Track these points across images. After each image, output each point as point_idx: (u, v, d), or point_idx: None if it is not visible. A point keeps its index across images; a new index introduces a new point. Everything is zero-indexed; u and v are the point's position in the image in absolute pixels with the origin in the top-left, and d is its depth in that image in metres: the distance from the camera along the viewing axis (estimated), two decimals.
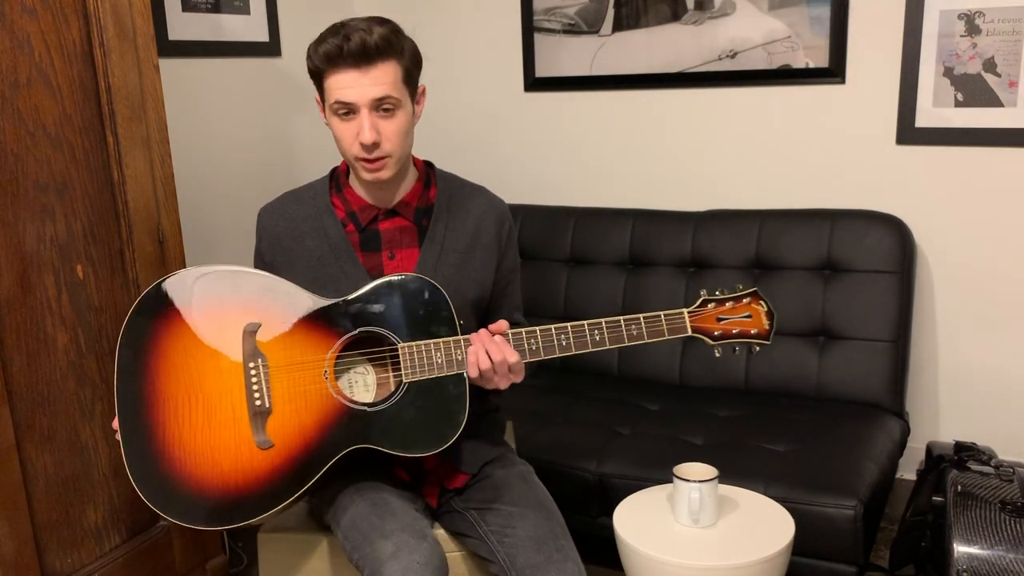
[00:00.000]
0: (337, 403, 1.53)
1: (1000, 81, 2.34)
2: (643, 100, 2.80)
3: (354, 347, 1.57)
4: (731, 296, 1.63)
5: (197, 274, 1.54)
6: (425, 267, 1.62)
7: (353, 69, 1.49)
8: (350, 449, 1.52)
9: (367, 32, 1.48)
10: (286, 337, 1.53)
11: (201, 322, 1.52)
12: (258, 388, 1.52)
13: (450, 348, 1.53)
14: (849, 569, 1.95)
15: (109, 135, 1.81)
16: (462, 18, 3.02)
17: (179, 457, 1.49)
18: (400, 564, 1.42)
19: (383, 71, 1.50)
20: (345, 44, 1.48)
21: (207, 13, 2.55)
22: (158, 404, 1.50)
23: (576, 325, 1.56)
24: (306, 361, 1.53)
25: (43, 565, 1.75)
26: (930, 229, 2.50)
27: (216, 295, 1.53)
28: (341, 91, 1.51)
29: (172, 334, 1.51)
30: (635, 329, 1.57)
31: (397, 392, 1.53)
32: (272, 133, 2.82)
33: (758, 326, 1.62)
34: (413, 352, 1.53)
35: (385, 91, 1.51)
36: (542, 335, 1.55)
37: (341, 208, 1.66)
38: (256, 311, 1.53)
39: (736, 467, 2.02)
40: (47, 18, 1.68)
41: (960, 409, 2.56)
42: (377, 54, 1.49)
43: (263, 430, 1.51)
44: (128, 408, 1.49)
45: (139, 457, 1.48)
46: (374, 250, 1.63)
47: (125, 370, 1.50)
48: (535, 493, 1.64)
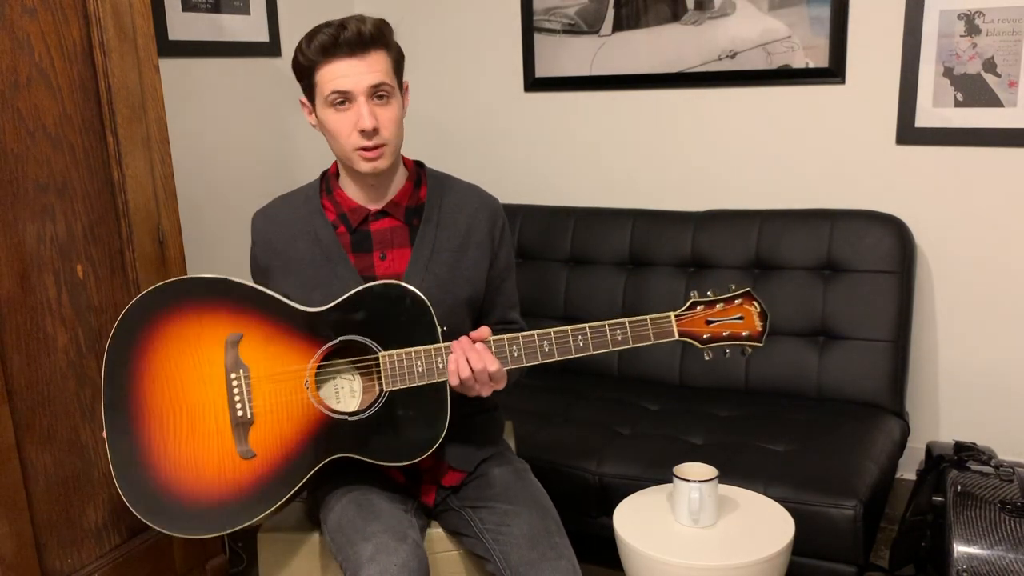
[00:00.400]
0: (318, 413, 1.54)
1: (1000, 81, 2.34)
2: (643, 100, 2.80)
3: (339, 354, 1.58)
4: (722, 297, 1.60)
5: (180, 285, 1.55)
6: (417, 267, 1.62)
7: (349, 57, 1.51)
8: (332, 458, 1.54)
9: (361, 22, 1.51)
10: (268, 347, 1.54)
11: (184, 333, 1.53)
12: (240, 399, 1.53)
13: (431, 356, 1.53)
14: (849, 569, 1.95)
15: (109, 135, 1.81)
16: (462, 18, 3.02)
17: (164, 468, 1.51)
18: (378, 567, 1.43)
19: (377, 59, 1.53)
20: (341, 33, 1.50)
21: (207, 13, 2.55)
22: (142, 415, 1.51)
23: (559, 331, 1.54)
24: (287, 371, 1.54)
25: (43, 565, 1.75)
26: (930, 229, 2.50)
27: (198, 306, 1.54)
28: (337, 80, 1.52)
29: (155, 346, 1.53)
30: (620, 334, 1.55)
31: (378, 401, 1.53)
32: (272, 133, 2.82)
33: (750, 328, 1.60)
34: (394, 360, 1.53)
35: (381, 78, 1.53)
36: (524, 341, 1.53)
37: (332, 210, 1.66)
38: (238, 321, 1.54)
39: (736, 467, 2.02)
40: (47, 18, 1.68)
41: (960, 409, 2.56)
42: (372, 42, 1.52)
43: (245, 440, 1.52)
44: (114, 419, 1.51)
45: (125, 468, 1.51)
46: (365, 251, 1.63)
47: (110, 381, 1.52)
48: (530, 491, 1.64)
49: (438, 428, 1.53)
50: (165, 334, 1.53)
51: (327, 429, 1.53)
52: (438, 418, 1.53)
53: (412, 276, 1.62)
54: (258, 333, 1.54)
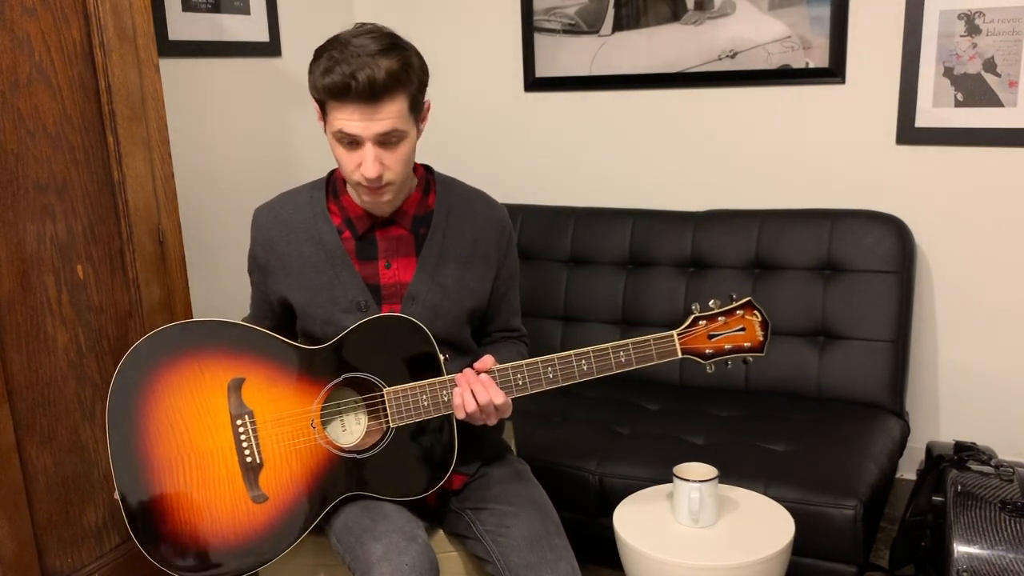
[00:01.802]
0: (326, 452, 1.55)
1: (1000, 81, 2.34)
2: (643, 100, 2.80)
3: (343, 387, 1.58)
4: (723, 310, 1.59)
5: (173, 332, 1.53)
6: (422, 276, 1.62)
7: (360, 105, 1.44)
8: (344, 496, 1.55)
9: (374, 68, 1.42)
10: (271, 389, 1.54)
11: (184, 382, 1.53)
12: (247, 444, 1.53)
13: (436, 390, 1.53)
14: (849, 569, 1.95)
15: (109, 135, 1.81)
16: (462, 18, 3.02)
17: (180, 518, 1.52)
18: (389, 566, 1.43)
19: (390, 106, 1.46)
20: (352, 83, 1.41)
21: (207, 13, 2.55)
22: (152, 468, 1.52)
23: (563, 356, 1.53)
24: (293, 413, 1.54)
25: (43, 565, 1.75)
26: (930, 229, 2.50)
27: (197, 351, 1.53)
28: (346, 124, 1.46)
29: (157, 396, 1.52)
30: (623, 356, 1.55)
31: (385, 437, 1.55)
32: (272, 133, 2.82)
33: (751, 339, 1.60)
34: (399, 396, 1.53)
35: (391, 126, 1.47)
36: (528, 369, 1.53)
37: (337, 214, 1.64)
38: (238, 365, 1.54)
39: (736, 467, 2.02)
40: (47, 18, 1.68)
41: (960, 409, 2.56)
42: (384, 91, 1.44)
43: (256, 485, 1.53)
44: (125, 474, 1.51)
45: (142, 520, 1.51)
46: (370, 258, 1.62)
47: (117, 435, 1.51)
48: (530, 492, 1.64)
49: (447, 461, 1.55)
50: (166, 384, 1.52)
51: (336, 468, 1.55)
52: (447, 451, 1.55)
53: (417, 285, 1.61)
54: (260, 376, 1.54)
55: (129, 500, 1.51)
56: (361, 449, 1.55)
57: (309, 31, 2.88)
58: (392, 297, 1.62)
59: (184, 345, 1.53)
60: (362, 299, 1.60)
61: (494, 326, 1.76)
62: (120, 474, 1.51)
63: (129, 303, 1.89)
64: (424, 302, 1.61)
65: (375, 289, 1.61)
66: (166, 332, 1.53)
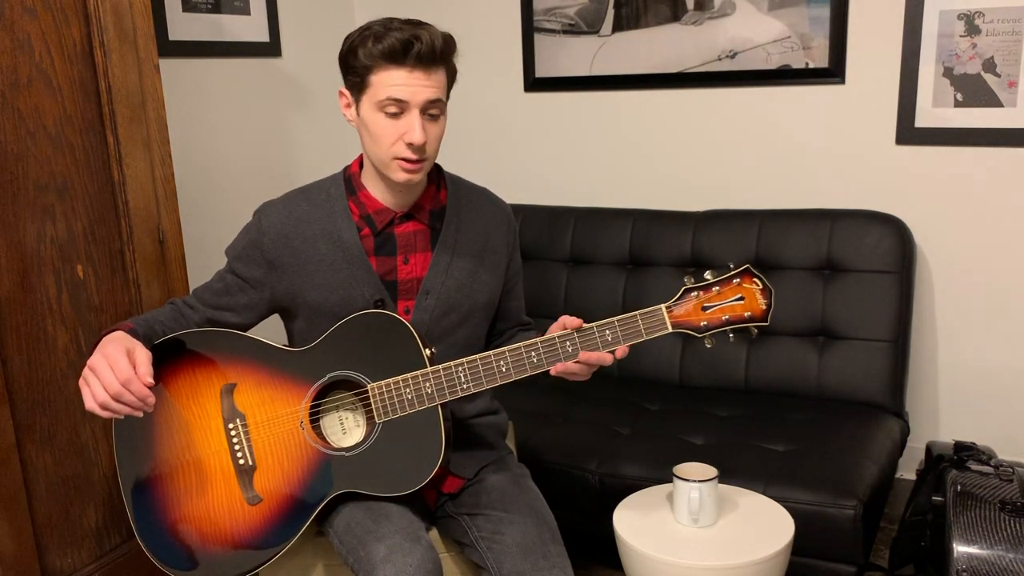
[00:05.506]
0: (316, 451, 1.55)
1: (1000, 81, 2.34)
2: (643, 100, 2.80)
3: (339, 386, 1.59)
4: (717, 280, 1.48)
5: (168, 344, 1.58)
6: (437, 270, 1.62)
7: (416, 69, 1.46)
8: (336, 494, 1.56)
9: (432, 34, 1.47)
10: (261, 392, 1.57)
11: (181, 391, 1.58)
12: (240, 447, 1.56)
13: (419, 382, 1.52)
14: (849, 569, 1.95)
15: (109, 135, 1.81)
16: (462, 18, 3.02)
17: (183, 523, 1.56)
18: (393, 567, 1.43)
19: (439, 75, 1.50)
20: (415, 44, 1.44)
21: (207, 13, 2.55)
22: (155, 476, 1.57)
23: (546, 340, 1.49)
24: (282, 414, 1.57)
25: (43, 565, 1.75)
26: (930, 229, 2.50)
27: (190, 359, 1.58)
28: (397, 88, 1.47)
29: (157, 407, 1.56)
30: (610, 334, 1.49)
31: (372, 434, 1.54)
32: (272, 133, 2.82)
33: (752, 308, 1.48)
34: (383, 391, 1.53)
35: (439, 94, 1.50)
36: (511, 355, 1.50)
37: (356, 211, 1.63)
38: (230, 371, 1.58)
39: (736, 467, 2.02)
40: (47, 18, 1.68)
41: (960, 409, 2.56)
42: (440, 59, 1.49)
43: (251, 486, 1.56)
44: (130, 484, 1.57)
45: (149, 530, 1.56)
46: (389, 254, 1.62)
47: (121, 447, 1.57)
48: (527, 498, 1.63)
49: (435, 454, 1.53)
50: (164, 394, 1.57)
51: (327, 466, 1.55)
52: (434, 444, 1.53)
53: (432, 280, 1.61)
54: (250, 380, 1.57)
55: (137, 510, 1.56)
56: (349, 447, 1.56)
57: (309, 31, 2.88)
58: (408, 293, 1.62)
59: (177, 356, 1.58)
60: (379, 296, 1.60)
61: (510, 323, 1.77)
62: (125, 484, 1.57)
63: (129, 303, 1.90)
64: (438, 295, 1.61)
65: (391, 286, 1.61)
66: (164, 343, 1.57)
